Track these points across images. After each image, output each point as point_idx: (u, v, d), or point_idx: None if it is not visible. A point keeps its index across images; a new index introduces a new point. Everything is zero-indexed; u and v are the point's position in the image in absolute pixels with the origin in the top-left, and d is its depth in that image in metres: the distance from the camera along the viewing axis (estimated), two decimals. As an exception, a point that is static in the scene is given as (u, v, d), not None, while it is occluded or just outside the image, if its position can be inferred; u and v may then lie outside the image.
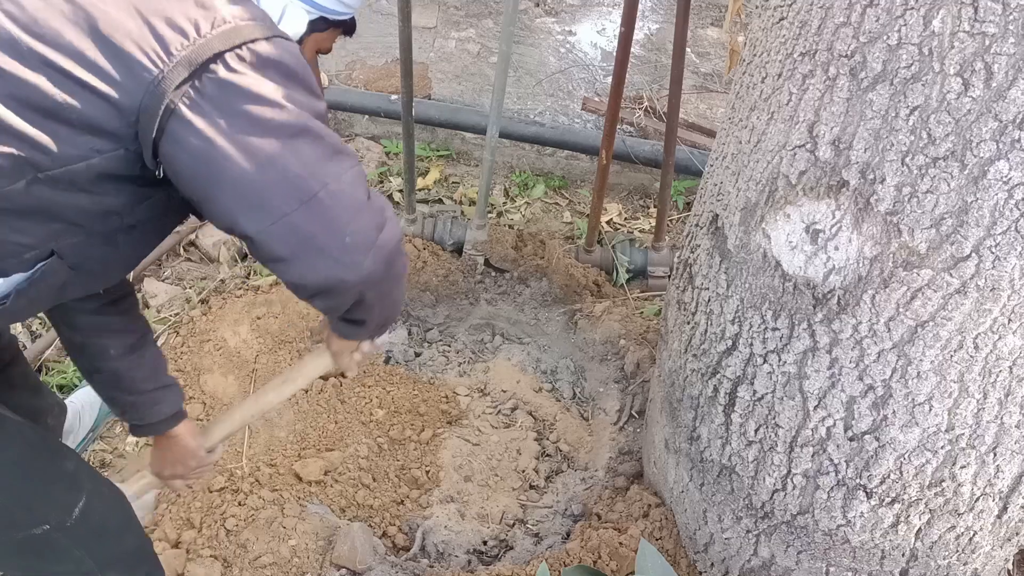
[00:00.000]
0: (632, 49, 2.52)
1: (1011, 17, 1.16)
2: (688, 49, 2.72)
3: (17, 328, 2.59)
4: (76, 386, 2.39)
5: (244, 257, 2.91)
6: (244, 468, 2.21)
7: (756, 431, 1.67)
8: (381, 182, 3.42)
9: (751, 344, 1.62)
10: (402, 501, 2.27)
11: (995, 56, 1.18)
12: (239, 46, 1.08)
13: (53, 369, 2.46)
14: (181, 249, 2.91)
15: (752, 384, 1.65)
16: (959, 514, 1.56)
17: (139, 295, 2.63)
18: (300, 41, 1.41)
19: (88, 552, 1.47)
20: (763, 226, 1.52)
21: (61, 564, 1.45)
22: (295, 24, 1.36)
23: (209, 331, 2.52)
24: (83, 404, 2.24)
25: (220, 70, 1.07)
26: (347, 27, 1.54)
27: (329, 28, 1.48)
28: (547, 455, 2.49)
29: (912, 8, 1.24)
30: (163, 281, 2.75)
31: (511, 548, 2.18)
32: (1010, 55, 1.17)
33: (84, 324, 1.49)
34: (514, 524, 2.27)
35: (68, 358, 2.44)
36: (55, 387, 2.38)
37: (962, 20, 1.19)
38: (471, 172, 3.57)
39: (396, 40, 2.70)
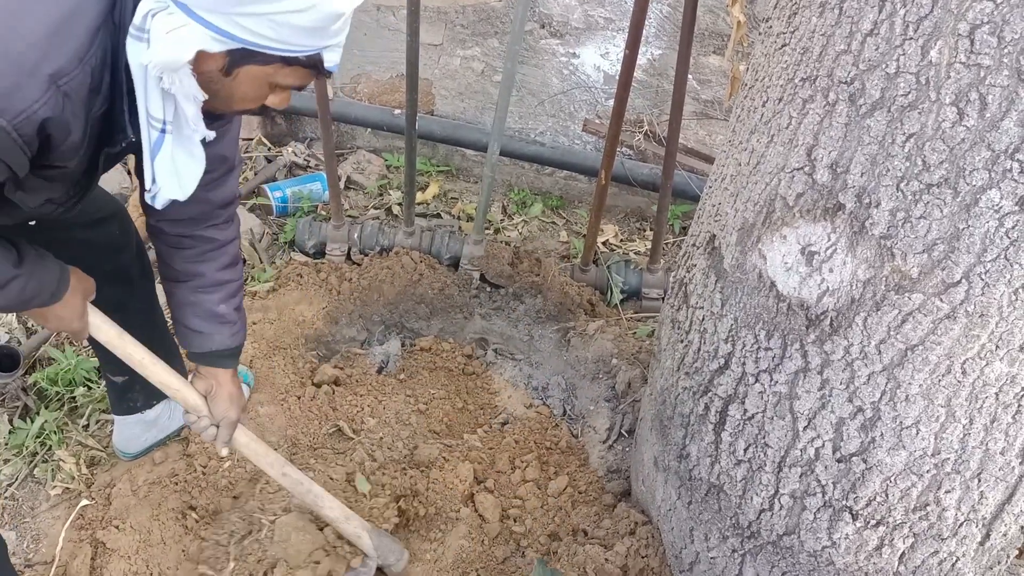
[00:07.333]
0: (634, 73, 2.55)
1: (1005, 50, 1.19)
2: (689, 76, 2.76)
3: (12, 324, 2.60)
4: (73, 380, 2.43)
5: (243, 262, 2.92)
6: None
7: (745, 450, 1.69)
8: (381, 195, 3.45)
9: (743, 363, 1.64)
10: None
11: (989, 87, 1.22)
12: None
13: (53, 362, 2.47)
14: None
15: (743, 403, 1.67)
16: (943, 539, 1.57)
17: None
18: (201, 65, 1.24)
19: None
20: (759, 247, 1.55)
21: None
22: (177, 48, 1.20)
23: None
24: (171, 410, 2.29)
25: None
26: (312, 65, 1.31)
27: (277, 63, 1.28)
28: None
29: (911, 39, 1.27)
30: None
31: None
32: (1003, 87, 1.21)
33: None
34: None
35: (64, 352, 2.45)
36: (48, 379, 2.39)
37: (959, 52, 1.23)
38: (470, 188, 3.60)
39: (402, 55, 2.73)
